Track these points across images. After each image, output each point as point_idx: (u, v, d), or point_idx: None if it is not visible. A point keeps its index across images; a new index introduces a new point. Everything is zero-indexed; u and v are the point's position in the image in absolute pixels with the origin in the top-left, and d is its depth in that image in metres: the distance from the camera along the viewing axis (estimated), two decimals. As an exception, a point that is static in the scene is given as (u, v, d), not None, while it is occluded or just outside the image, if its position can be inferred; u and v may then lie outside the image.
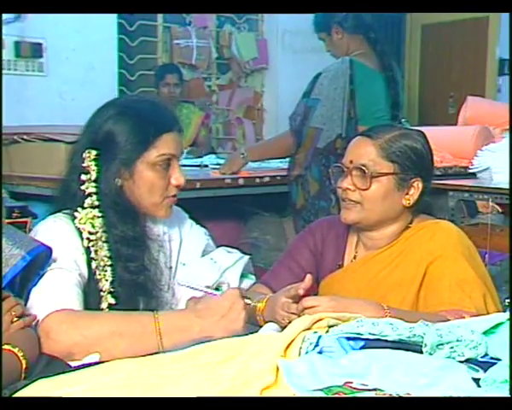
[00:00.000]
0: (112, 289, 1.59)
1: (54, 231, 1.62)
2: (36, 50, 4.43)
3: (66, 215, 1.66)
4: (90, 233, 1.60)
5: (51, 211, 1.70)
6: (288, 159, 3.36)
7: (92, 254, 1.60)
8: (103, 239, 1.61)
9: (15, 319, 1.41)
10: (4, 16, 4.02)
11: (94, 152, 1.63)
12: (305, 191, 3.12)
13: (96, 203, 1.62)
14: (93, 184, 1.62)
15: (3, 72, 4.09)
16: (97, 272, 1.60)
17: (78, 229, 1.61)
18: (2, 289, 1.42)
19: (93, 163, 1.63)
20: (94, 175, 1.62)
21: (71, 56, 4.59)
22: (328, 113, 3.07)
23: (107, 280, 1.59)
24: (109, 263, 1.60)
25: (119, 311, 1.57)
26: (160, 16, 5.44)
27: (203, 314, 1.50)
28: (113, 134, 1.63)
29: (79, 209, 1.61)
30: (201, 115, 5.10)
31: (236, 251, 1.85)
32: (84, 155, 1.63)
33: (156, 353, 1.46)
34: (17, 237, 1.50)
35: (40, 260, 1.52)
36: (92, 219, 1.61)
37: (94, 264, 1.60)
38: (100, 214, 1.62)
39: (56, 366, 1.44)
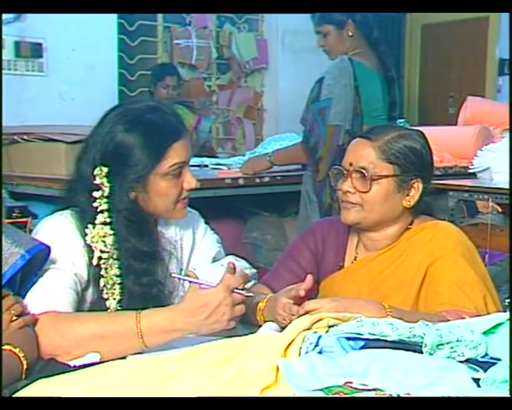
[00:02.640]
0: (118, 308, 1.59)
1: (55, 229, 1.61)
2: (36, 50, 4.43)
3: (72, 214, 1.65)
4: (102, 251, 1.59)
5: (53, 211, 1.69)
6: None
7: (102, 272, 1.59)
8: (115, 256, 1.60)
9: (14, 317, 1.41)
10: (4, 16, 4.02)
11: (105, 169, 1.59)
12: (331, 189, 3.09)
13: (108, 220, 1.60)
14: (105, 200, 1.60)
15: (3, 72, 4.09)
16: (105, 291, 1.59)
17: (81, 230, 1.60)
18: (1, 288, 1.42)
19: (105, 180, 1.59)
20: (107, 192, 1.60)
21: (71, 56, 4.59)
22: (343, 109, 3.07)
23: (114, 299, 1.59)
24: (118, 281, 1.59)
25: (103, 312, 1.57)
26: (160, 16, 5.44)
27: (188, 313, 1.49)
28: (124, 149, 1.60)
29: (90, 226, 1.59)
30: (195, 118, 5.08)
31: (244, 261, 1.85)
32: (95, 172, 1.60)
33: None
34: (16, 236, 1.50)
35: (39, 258, 1.52)
36: (104, 236, 1.59)
37: (102, 282, 1.59)
38: (111, 232, 1.59)
39: (56, 366, 1.44)
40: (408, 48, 7.13)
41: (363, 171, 1.76)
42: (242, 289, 1.52)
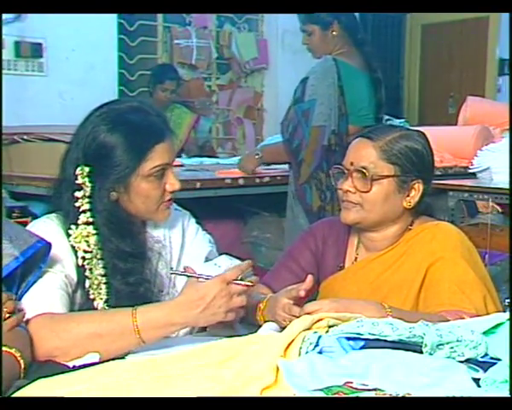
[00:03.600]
0: (106, 307, 1.58)
1: (42, 232, 1.59)
2: (36, 50, 4.43)
3: (58, 217, 1.64)
4: (85, 252, 1.58)
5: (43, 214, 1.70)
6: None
7: (87, 273, 1.58)
8: (98, 256, 1.59)
9: (7, 315, 1.39)
10: (4, 16, 4.02)
11: (87, 169, 1.59)
12: (320, 191, 3.09)
13: (91, 220, 1.60)
14: (87, 200, 1.60)
15: (3, 72, 4.09)
16: (91, 291, 1.59)
17: (67, 232, 1.60)
18: (1, 289, 1.42)
19: (87, 179, 1.60)
20: (88, 191, 1.60)
21: (71, 56, 4.59)
22: (327, 110, 3.06)
23: (101, 299, 1.59)
24: (104, 281, 1.59)
25: (98, 310, 1.57)
26: (159, 16, 5.44)
27: (184, 307, 1.49)
28: (106, 149, 1.60)
29: (73, 227, 1.59)
30: (193, 117, 5.07)
31: (238, 260, 1.84)
32: (77, 172, 1.60)
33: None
34: (13, 234, 1.48)
35: (39, 254, 1.51)
36: (87, 236, 1.59)
37: (88, 282, 1.58)
38: (94, 231, 1.59)
39: (54, 366, 1.44)
40: (408, 48, 7.13)
41: (364, 170, 1.76)
42: (241, 280, 1.52)
